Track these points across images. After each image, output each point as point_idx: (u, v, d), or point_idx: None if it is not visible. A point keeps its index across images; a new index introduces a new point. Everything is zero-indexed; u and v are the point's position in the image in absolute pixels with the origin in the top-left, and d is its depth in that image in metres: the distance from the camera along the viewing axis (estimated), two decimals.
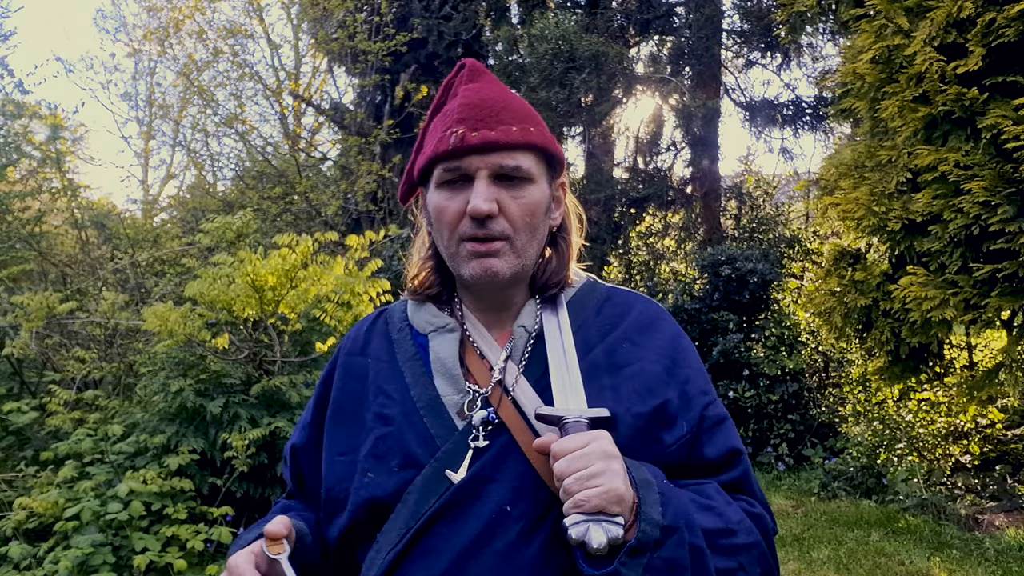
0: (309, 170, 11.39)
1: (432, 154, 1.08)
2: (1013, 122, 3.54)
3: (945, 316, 3.93)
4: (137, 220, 9.71)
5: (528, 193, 1.07)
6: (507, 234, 1.06)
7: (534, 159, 1.09)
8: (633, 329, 1.15)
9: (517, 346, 1.11)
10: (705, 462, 1.09)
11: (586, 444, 0.93)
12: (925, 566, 4.56)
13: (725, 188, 11.33)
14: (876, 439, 6.68)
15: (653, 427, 1.05)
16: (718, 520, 1.00)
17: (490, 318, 1.16)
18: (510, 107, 1.10)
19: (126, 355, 4.70)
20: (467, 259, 1.07)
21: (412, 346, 1.16)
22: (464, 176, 1.06)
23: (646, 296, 1.24)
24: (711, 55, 10.54)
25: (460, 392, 1.08)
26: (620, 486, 0.91)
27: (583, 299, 1.18)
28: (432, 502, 1.01)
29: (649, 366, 1.10)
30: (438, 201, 1.09)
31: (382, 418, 1.10)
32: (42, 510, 3.12)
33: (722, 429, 1.12)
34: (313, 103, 12.01)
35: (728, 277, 7.79)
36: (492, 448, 1.03)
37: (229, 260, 3.97)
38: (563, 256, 1.18)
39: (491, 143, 1.05)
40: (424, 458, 1.04)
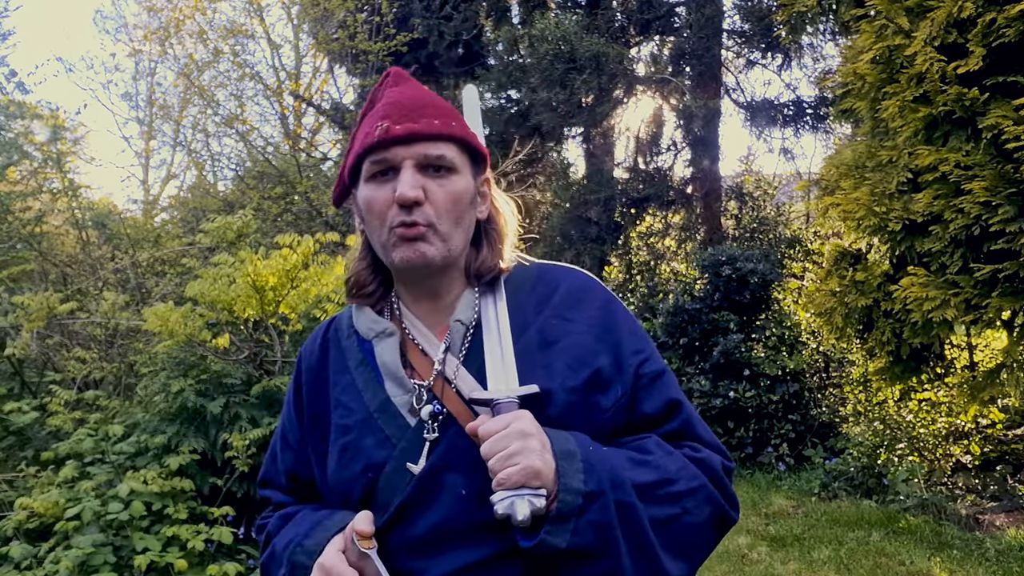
0: (310, 170, 11.38)
1: (360, 149, 1.13)
2: (1014, 122, 3.54)
3: (946, 316, 3.93)
4: (138, 220, 9.71)
5: (452, 182, 1.12)
6: (431, 220, 1.10)
7: (457, 150, 1.14)
8: (562, 304, 1.19)
9: (455, 339, 1.15)
10: (646, 417, 1.15)
11: (507, 426, 0.99)
12: (926, 566, 4.56)
13: (726, 188, 11.32)
14: (877, 439, 6.68)
15: (588, 395, 1.11)
16: (654, 472, 1.07)
17: (426, 310, 1.20)
18: (432, 103, 1.16)
19: (127, 355, 4.70)
20: (397, 245, 1.11)
21: (359, 352, 1.20)
22: (391, 167, 1.11)
23: (573, 267, 1.29)
24: (712, 55, 10.54)
25: (408, 391, 1.13)
26: (536, 462, 0.97)
27: (518, 282, 1.23)
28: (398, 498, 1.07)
29: (579, 338, 1.15)
30: (367, 194, 1.13)
31: (342, 428, 1.15)
32: (43, 510, 3.12)
33: (659, 384, 1.17)
34: (314, 103, 12.01)
35: (729, 277, 7.78)
36: (444, 438, 1.08)
37: (230, 260, 3.97)
38: (493, 245, 1.21)
39: (415, 134, 1.10)
40: (382, 458, 1.10)
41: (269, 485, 1.32)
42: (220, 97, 10.61)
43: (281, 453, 1.28)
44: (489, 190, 1.24)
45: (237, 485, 3.74)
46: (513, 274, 1.23)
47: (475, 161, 1.18)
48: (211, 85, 10.53)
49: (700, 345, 7.84)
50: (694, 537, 1.09)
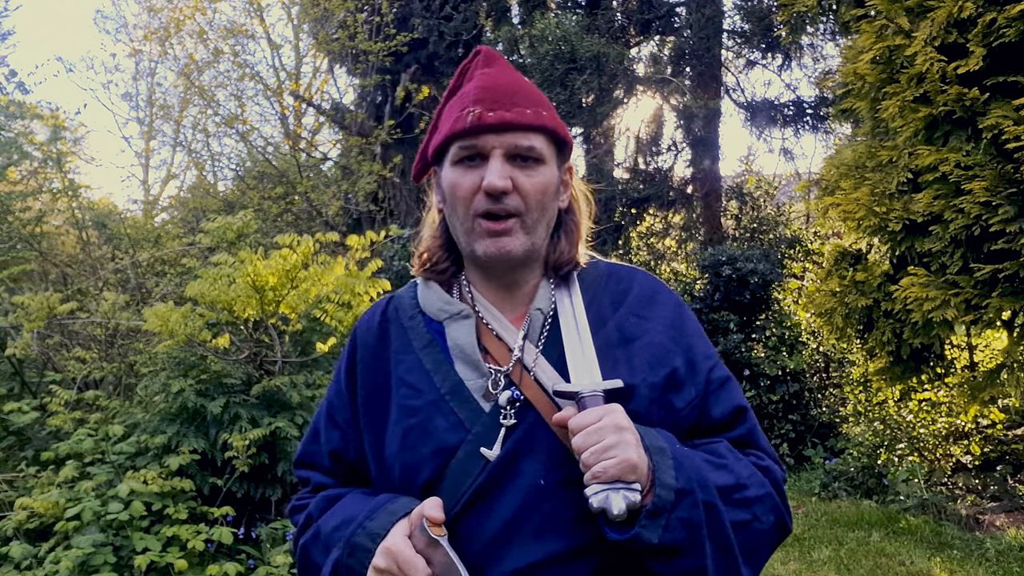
0: (310, 170, 11.39)
1: (449, 132, 1.12)
2: (1014, 122, 3.54)
3: (946, 317, 3.93)
4: (138, 220, 9.71)
5: (540, 173, 1.11)
6: (519, 211, 1.09)
7: (545, 141, 1.13)
8: (638, 303, 1.20)
9: (534, 327, 1.15)
10: (714, 421, 1.15)
11: (600, 419, 0.98)
12: (926, 566, 4.55)
13: (726, 188, 11.32)
14: (877, 439, 6.68)
15: (665, 394, 1.11)
16: (730, 476, 1.06)
17: (500, 297, 1.19)
18: (524, 91, 1.14)
19: (127, 355, 4.69)
20: (481, 237, 1.10)
21: (427, 333, 1.18)
22: (479, 154, 1.10)
23: (642, 269, 1.30)
24: (712, 55, 10.54)
25: (483, 375, 1.11)
26: (633, 455, 0.97)
27: (591, 277, 1.22)
28: (469, 483, 1.06)
29: (656, 337, 1.15)
30: (453, 178, 1.12)
31: (407, 409, 1.13)
32: (43, 510, 3.12)
33: (726, 389, 1.18)
34: (314, 103, 12.01)
35: (729, 277, 7.78)
36: (521, 425, 1.07)
37: (230, 260, 3.97)
38: (571, 236, 1.21)
39: (507, 123, 1.09)
40: (455, 442, 1.08)
41: (309, 465, 1.28)
42: (220, 97, 10.63)
43: (326, 432, 1.25)
44: (571, 179, 1.23)
45: (237, 485, 3.74)
46: (584, 270, 1.23)
47: (560, 150, 1.17)
48: (211, 85, 10.54)
49: None
50: (761, 544, 1.09)
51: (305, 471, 1.28)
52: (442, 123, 1.17)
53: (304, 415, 3.93)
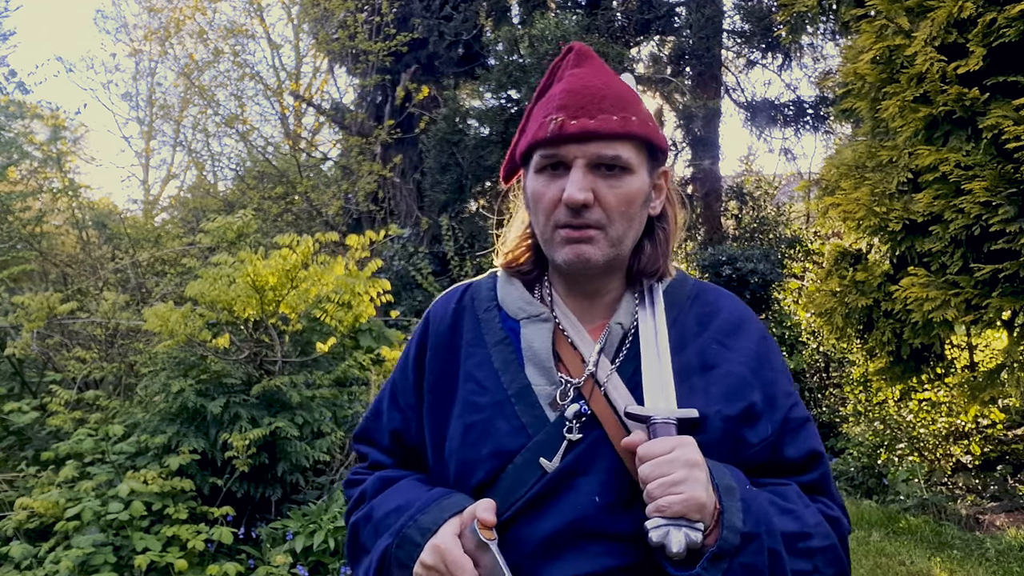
0: (310, 170, 11.39)
1: (532, 140, 1.09)
2: (1014, 122, 3.54)
3: (946, 317, 3.92)
4: (138, 220, 9.70)
5: (626, 183, 1.06)
6: (602, 223, 1.06)
7: (634, 149, 1.08)
8: (722, 330, 1.15)
9: (612, 340, 1.11)
10: (787, 462, 1.11)
11: (671, 450, 0.95)
12: (926, 566, 4.55)
13: (726, 188, 11.32)
14: (877, 439, 6.68)
15: (739, 428, 1.07)
16: (796, 524, 1.02)
17: (581, 305, 1.15)
18: (613, 95, 1.09)
19: (127, 355, 4.69)
20: (561, 245, 1.07)
21: (501, 330, 1.15)
22: (562, 164, 1.06)
23: (732, 294, 1.25)
24: (712, 55, 10.54)
25: (552, 383, 1.08)
26: (701, 494, 0.93)
27: (677, 294, 1.18)
28: (523, 491, 1.03)
29: (737, 368, 1.10)
30: (535, 187, 1.10)
31: (471, 405, 1.10)
32: (43, 510, 3.12)
33: (804, 430, 1.13)
34: (314, 103, 12.01)
35: (729, 277, 7.78)
36: (584, 441, 1.04)
37: (230, 260, 3.97)
38: (660, 246, 1.16)
39: (590, 132, 1.04)
40: (515, 447, 1.05)
41: (368, 441, 1.27)
42: (220, 97, 10.63)
43: (388, 411, 1.23)
44: (666, 183, 1.18)
45: (237, 485, 3.74)
46: (671, 285, 1.18)
47: (652, 155, 1.12)
48: (211, 85, 10.54)
49: None
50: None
51: (364, 447, 1.28)
52: (528, 127, 1.14)
53: (304, 415, 3.93)
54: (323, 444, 3.93)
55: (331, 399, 4.23)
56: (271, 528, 3.67)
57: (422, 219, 10.36)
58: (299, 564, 3.42)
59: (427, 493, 1.11)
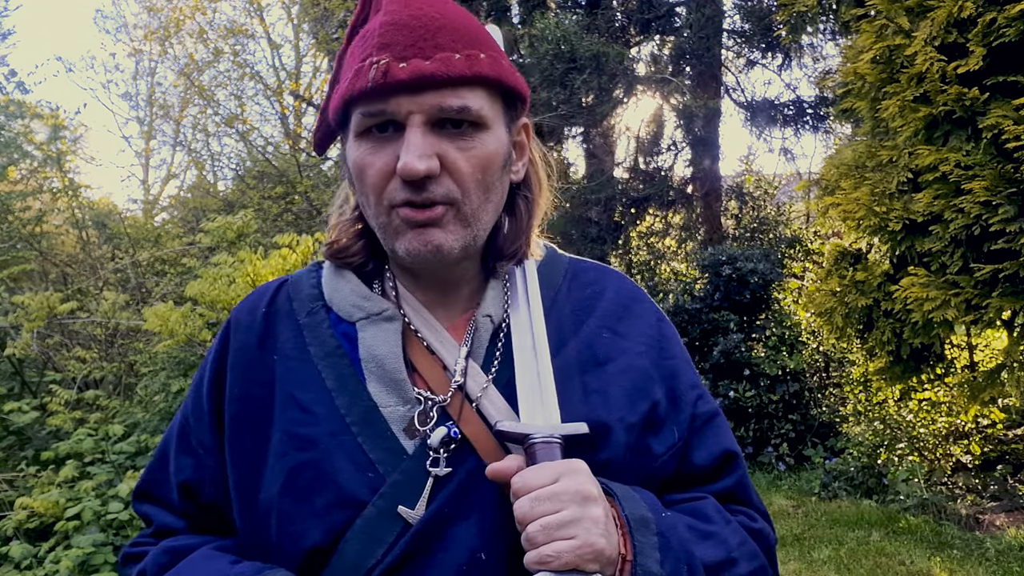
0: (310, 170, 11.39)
1: (347, 93, 0.80)
2: (1014, 122, 3.54)
3: (946, 316, 3.93)
4: (138, 220, 9.71)
5: (480, 143, 0.81)
6: (453, 197, 0.80)
7: (486, 97, 0.81)
8: (611, 314, 0.93)
9: (480, 339, 0.87)
10: (697, 470, 0.91)
11: (555, 479, 0.73)
12: (926, 566, 4.56)
13: (726, 188, 11.33)
14: (877, 439, 6.68)
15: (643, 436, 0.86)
16: (721, 550, 0.82)
17: (432, 299, 0.90)
18: (452, 25, 0.81)
19: (127, 355, 4.70)
20: (401, 232, 0.81)
21: (332, 337, 0.88)
22: (391, 123, 0.79)
23: (616, 270, 1.03)
24: (712, 55, 10.54)
25: (407, 402, 0.83)
26: (599, 540, 0.71)
27: (549, 276, 0.94)
28: (380, 553, 0.77)
29: (636, 360, 0.89)
30: (358, 156, 0.81)
31: (295, 440, 0.83)
32: (43, 510, 3.12)
33: (713, 428, 0.93)
34: (314, 103, 12.01)
35: (729, 277, 7.78)
36: (456, 477, 0.80)
37: (229, 260, 3.97)
38: (521, 220, 0.91)
39: (426, 78, 0.76)
40: (363, 493, 0.79)
41: (152, 499, 0.95)
42: (220, 97, 10.63)
43: (176, 458, 0.92)
44: (527, 140, 0.92)
45: None
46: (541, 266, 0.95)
47: (510, 104, 0.86)
48: (211, 85, 10.54)
49: (700, 345, 7.85)
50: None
51: (147, 506, 0.95)
52: (342, 76, 0.84)
53: None
54: None
55: None
56: None
57: None
58: None
59: (233, 571, 0.82)
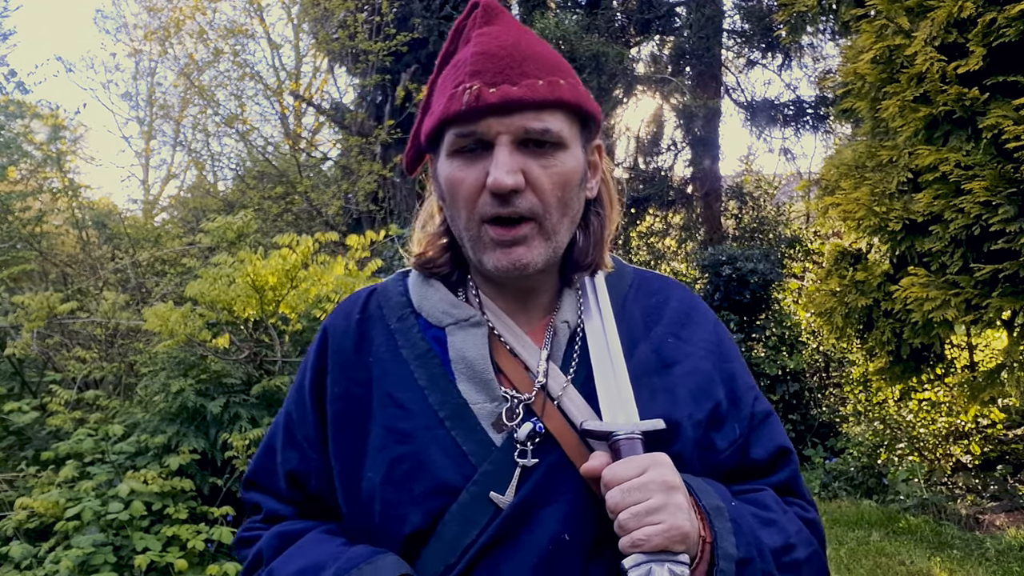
0: (310, 170, 11.39)
1: (442, 115, 0.90)
2: (1014, 122, 3.54)
3: (946, 316, 3.93)
4: (138, 220, 9.71)
5: (560, 161, 0.89)
6: (535, 212, 0.88)
7: (565, 119, 0.90)
8: (675, 321, 1.01)
9: (559, 343, 0.96)
10: (755, 464, 0.99)
11: (643, 471, 0.82)
12: (926, 566, 4.55)
13: (726, 188, 11.33)
14: (877, 439, 6.68)
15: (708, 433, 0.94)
16: (781, 536, 0.90)
17: (513, 307, 0.99)
18: (536, 56, 0.91)
19: (127, 355, 4.69)
20: (490, 248, 0.90)
21: (422, 340, 0.97)
22: (481, 142, 0.88)
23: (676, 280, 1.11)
24: (712, 55, 10.54)
25: (494, 399, 0.92)
26: (684, 523, 0.80)
27: (618, 286, 1.03)
28: (475, 534, 0.87)
29: (700, 363, 0.97)
30: (450, 172, 0.91)
31: (395, 434, 0.92)
32: (43, 510, 3.12)
33: (768, 426, 1.01)
34: (314, 103, 12.01)
35: (729, 277, 7.78)
36: (541, 467, 0.88)
37: (229, 260, 3.97)
38: (594, 234, 0.99)
39: (513, 101, 0.86)
40: (457, 481, 0.88)
41: (260, 488, 1.05)
42: (220, 97, 10.63)
43: (283, 451, 1.02)
44: (600, 161, 1.01)
45: (237, 485, 3.74)
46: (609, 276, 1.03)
47: (585, 126, 0.95)
48: (211, 85, 10.54)
49: None
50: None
51: (256, 494, 1.05)
52: (434, 102, 0.94)
53: None
54: None
55: None
56: None
57: None
58: None
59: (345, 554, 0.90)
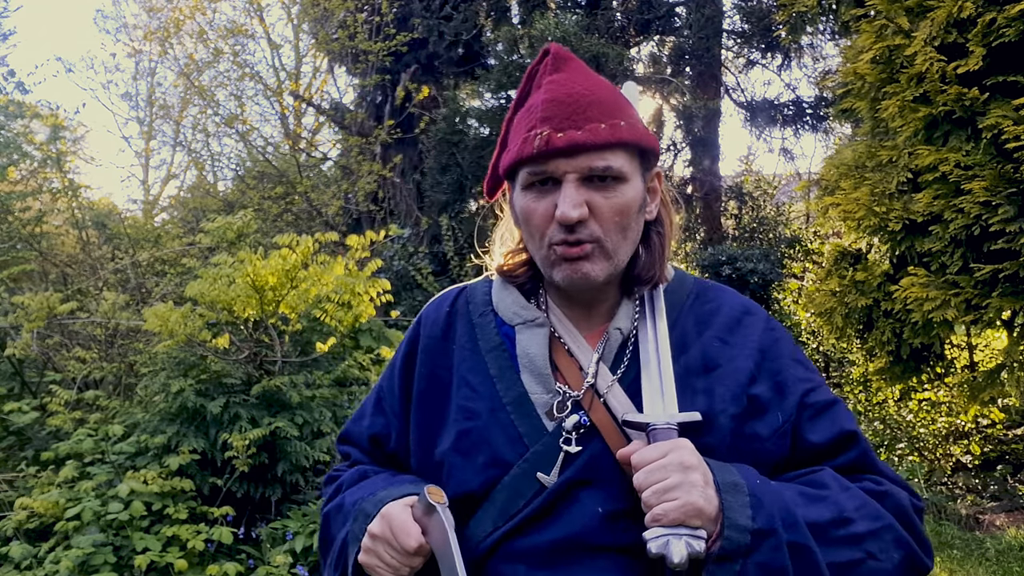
0: (310, 170, 11.39)
1: (516, 157, 1.04)
2: (1014, 122, 3.54)
3: (946, 316, 3.92)
4: (138, 220, 9.71)
5: (620, 193, 1.02)
6: (596, 236, 1.01)
7: (625, 156, 1.03)
8: (724, 327, 1.11)
9: (611, 347, 1.08)
10: (813, 448, 1.05)
11: (664, 455, 0.92)
12: None
13: (726, 188, 11.33)
14: (877, 439, 6.68)
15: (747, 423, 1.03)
16: (830, 510, 0.96)
17: (578, 314, 1.12)
18: (598, 101, 1.03)
19: (127, 355, 4.69)
20: (558, 263, 1.04)
21: (496, 335, 1.12)
22: (551, 179, 1.02)
23: (733, 290, 1.21)
24: (712, 55, 10.54)
25: (549, 392, 1.05)
26: (698, 499, 0.89)
27: (675, 296, 1.14)
28: (521, 504, 1.01)
29: (741, 363, 1.07)
30: (524, 204, 1.05)
31: (466, 411, 1.08)
32: (43, 510, 3.12)
33: (829, 413, 1.07)
34: (313, 103, 12.00)
35: (729, 277, 7.79)
36: (584, 453, 1.01)
37: (229, 260, 3.97)
38: (655, 251, 1.12)
39: (578, 145, 0.99)
40: (511, 457, 1.03)
41: (350, 442, 1.26)
42: (220, 97, 10.62)
43: (371, 416, 1.22)
44: (659, 186, 1.14)
45: (237, 485, 3.74)
46: (669, 287, 1.15)
47: (644, 159, 1.08)
48: (211, 85, 10.53)
49: None
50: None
51: (346, 447, 1.26)
52: (511, 140, 1.09)
53: (304, 415, 3.93)
54: (323, 444, 3.93)
55: (331, 399, 4.23)
56: (271, 528, 3.67)
57: (422, 219, 10.36)
58: (299, 564, 3.42)
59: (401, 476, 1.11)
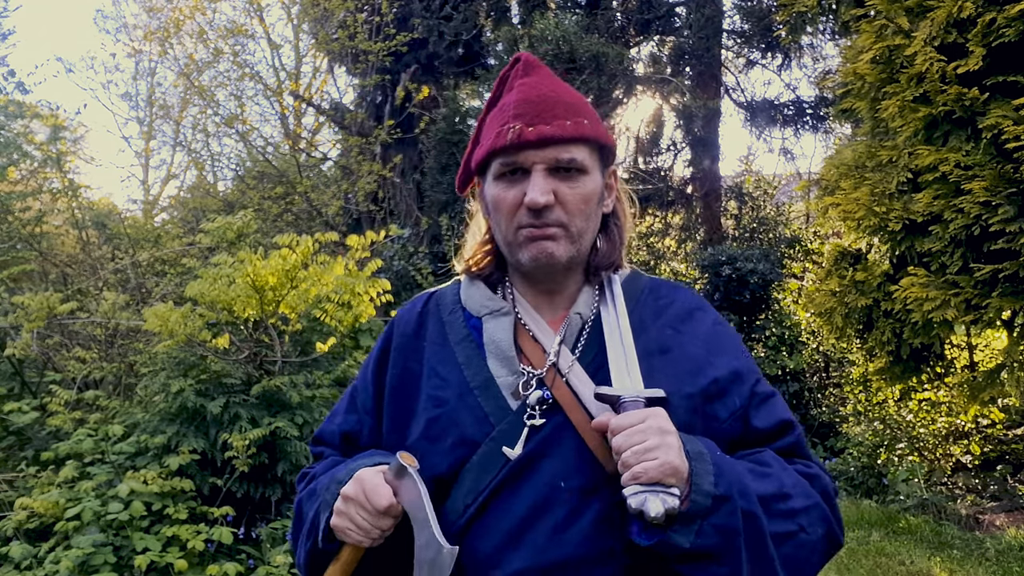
0: (309, 170, 11.38)
1: (490, 148, 1.14)
2: (1014, 122, 3.54)
3: (946, 316, 3.92)
4: (138, 220, 9.71)
5: (582, 184, 1.13)
6: (563, 221, 1.11)
7: (587, 151, 1.14)
8: (676, 318, 1.21)
9: (572, 330, 1.16)
10: (758, 432, 1.14)
11: (643, 420, 0.98)
12: (926, 566, 4.55)
13: (725, 188, 11.33)
14: (877, 439, 6.68)
15: (706, 404, 1.11)
16: (773, 485, 1.05)
17: (541, 301, 1.21)
18: (564, 101, 1.15)
19: (127, 355, 4.69)
20: (524, 244, 1.12)
21: (464, 328, 1.20)
22: (521, 169, 1.12)
23: (686, 287, 1.31)
24: (712, 55, 10.54)
25: (514, 373, 1.13)
26: (675, 459, 0.96)
27: (633, 289, 1.24)
28: (488, 480, 1.07)
29: (693, 349, 1.16)
30: (496, 192, 1.15)
31: (435, 400, 1.14)
32: (43, 510, 3.12)
33: (771, 403, 1.17)
34: (313, 103, 12.00)
35: (729, 277, 7.78)
36: (547, 426, 1.08)
37: (229, 260, 3.97)
38: (614, 240, 1.23)
39: (547, 138, 1.10)
40: (478, 436, 1.09)
41: (322, 442, 1.31)
42: (220, 97, 10.62)
43: (344, 414, 1.28)
44: (615, 183, 1.25)
45: (237, 485, 3.74)
46: (627, 279, 1.25)
47: (603, 156, 1.19)
48: (211, 85, 10.53)
49: None
50: (808, 556, 1.06)
51: (318, 447, 1.32)
52: (483, 137, 1.19)
53: (304, 415, 3.93)
54: None
55: (331, 399, 4.23)
56: (271, 528, 3.67)
57: (422, 219, 10.35)
58: None
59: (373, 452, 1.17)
